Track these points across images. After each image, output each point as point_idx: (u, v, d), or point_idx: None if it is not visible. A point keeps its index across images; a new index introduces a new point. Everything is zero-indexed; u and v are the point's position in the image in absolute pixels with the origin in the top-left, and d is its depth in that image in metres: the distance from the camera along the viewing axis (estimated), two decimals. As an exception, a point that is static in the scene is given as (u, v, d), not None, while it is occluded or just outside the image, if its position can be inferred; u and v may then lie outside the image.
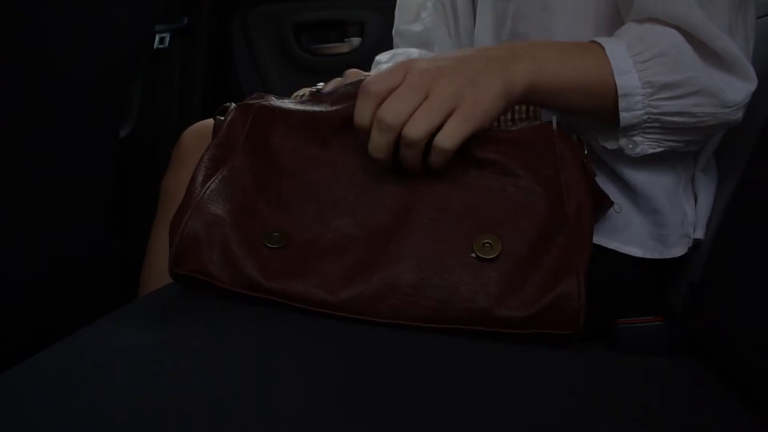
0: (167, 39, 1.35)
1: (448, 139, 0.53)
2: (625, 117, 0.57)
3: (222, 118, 0.63)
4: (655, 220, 0.64)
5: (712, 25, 0.55)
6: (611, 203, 0.60)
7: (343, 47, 1.45)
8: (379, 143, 0.54)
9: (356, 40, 1.44)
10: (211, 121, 0.67)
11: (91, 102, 0.94)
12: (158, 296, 0.59)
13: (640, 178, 0.63)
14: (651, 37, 0.57)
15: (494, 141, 0.57)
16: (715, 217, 0.64)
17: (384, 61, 0.89)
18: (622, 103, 0.57)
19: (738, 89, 0.57)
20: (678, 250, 0.64)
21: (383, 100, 0.53)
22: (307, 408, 0.42)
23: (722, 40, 0.56)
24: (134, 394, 0.43)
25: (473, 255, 0.53)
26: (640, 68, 0.56)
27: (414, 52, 0.88)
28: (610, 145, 0.61)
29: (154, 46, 1.33)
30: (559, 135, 0.58)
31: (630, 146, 0.60)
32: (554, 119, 0.59)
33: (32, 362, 0.47)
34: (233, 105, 0.63)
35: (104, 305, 0.67)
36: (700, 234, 0.65)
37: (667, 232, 0.64)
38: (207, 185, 0.58)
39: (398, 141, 0.53)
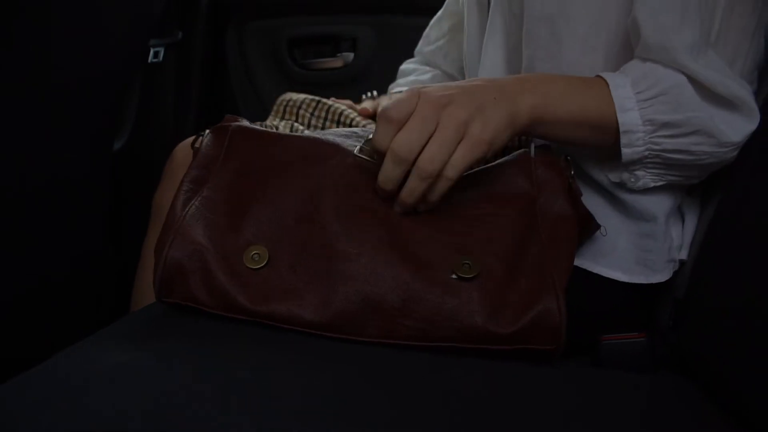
0: (161, 53, 1.36)
1: (452, 168, 0.54)
2: (627, 152, 0.59)
3: (197, 146, 0.62)
4: (645, 245, 0.64)
5: (712, 74, 0.57)
6: (598, 226, 0.61)
7: (336, 62, 1.46)
8: (392, 174, 0.55)
9: (349, 55, 1.46)
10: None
11: (86, 114, 0.95)
12: (149, 312, 0.60)
13: (638, 204, 0.64)
14: (654, 76, 0.58)
15: (473, 173, 0.60)
16: (699, 235, 0.64)
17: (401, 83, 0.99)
18: (623, 139, 0.59)
19: (738, 128, 0.58)
20: (663, 276, 0.65)
21: (402, 125, 0.54)
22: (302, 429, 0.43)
23: (724, 85, 0.57)
24: (127, 410, 0.43)
25: (454, 276, 0.54)
26: (642, 106, 0.58)
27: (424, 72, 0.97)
28: (614, 177, 0.63)
29: (149, 60, 1.33)
30: (538, 161, 0.60)
31: (632, 180, 0.62)
32: (532, 146, 0.61)
33: (22, 379, 0.48)
34: (207, 131, 0.63)
35: (100, 318, 0.68)
36: (684, 255, 0.66)
37: (654, 258, 0.64)
38: (186, 209, 0.58)
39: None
